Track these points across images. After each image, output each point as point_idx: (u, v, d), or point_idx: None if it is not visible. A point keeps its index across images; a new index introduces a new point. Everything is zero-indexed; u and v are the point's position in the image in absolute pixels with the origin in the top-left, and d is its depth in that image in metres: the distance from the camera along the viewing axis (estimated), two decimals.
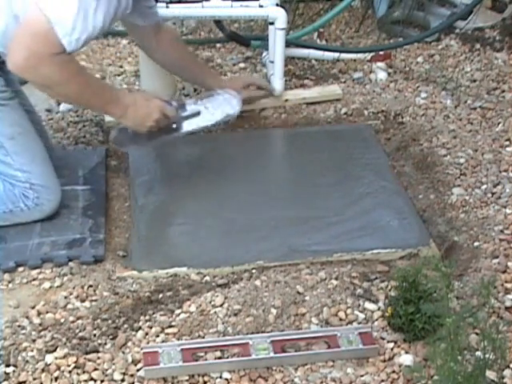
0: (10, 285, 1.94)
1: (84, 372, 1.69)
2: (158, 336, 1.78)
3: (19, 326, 1.80)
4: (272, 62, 2.70)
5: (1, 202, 2.08)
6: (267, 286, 1.91)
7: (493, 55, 3.04)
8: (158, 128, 2.12)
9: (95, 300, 1.88)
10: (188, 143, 2.54)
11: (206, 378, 1.68)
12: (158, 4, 2.41)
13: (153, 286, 1.93)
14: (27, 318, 1.83)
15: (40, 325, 1.81)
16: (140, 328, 1.80)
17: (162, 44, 2.40)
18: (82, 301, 1.88)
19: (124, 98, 2.07)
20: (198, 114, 2.18)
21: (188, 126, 2.17)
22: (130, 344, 1.76)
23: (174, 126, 2.16)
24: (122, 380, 1.67)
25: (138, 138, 2.16)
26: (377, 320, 1.82)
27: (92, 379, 1.67)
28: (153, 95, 2.16)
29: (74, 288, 1.92)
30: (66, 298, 1.89)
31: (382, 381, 1.67)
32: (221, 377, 1.68)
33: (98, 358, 1.72)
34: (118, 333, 1.79)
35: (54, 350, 1.73)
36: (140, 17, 2.23)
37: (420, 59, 3.04)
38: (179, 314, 1.84)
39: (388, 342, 1.76)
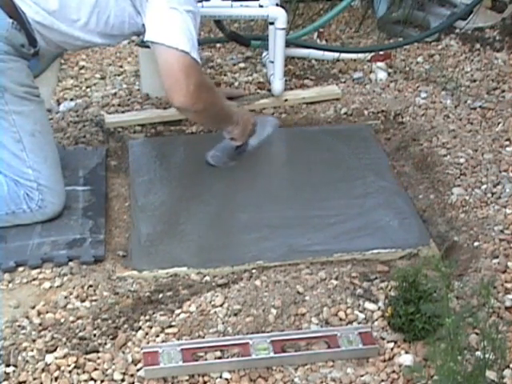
0: (10, 285, 1.94)
1: (84, 372, 1.69)
2: (158, 336, 1.78)
3: (19, 326, 1.80)
4: (272, 62, 2.70)
5: (4, 203, 2.08)
6: (267, 285, 1.91)
7: (493, 55, 3.04)
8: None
9: (95, 300, 1.88)
10: (188, 143, 2.54)
11: (205, 378, 1.68)
12: None
13: (153, 286, 1.93)
14: (27, 317, 1.83)
15: (40, 325, 1.81)
16: (140, 328, 1.80)
17: None
18: (82, 301, 1.88)
19: (236, 113, 2.34)
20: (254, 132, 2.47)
21: (252, 141, 2.47)
22: (129, 344, 1.76)
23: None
24: (122, 380, 1.67)
25: (231, 154, 2.41)
26: (377, 320, 1.82)
27: (92, 379, 1.67)
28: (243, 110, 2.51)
29: (74, 288, 1.92)
30: (66, 297, 1.89)
31: (382, 381, 1.67)
32: (221, 377, 1.68)
33: (98, 357, 1.72)
34: (118, 333, 1.79)
35: (54, 350, 1.73)
36: None
37: (420, 59, 3.05)
38: (179, 314, 1.84)
39: (388, 342, 1.76)
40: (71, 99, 2.79)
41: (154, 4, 2.06)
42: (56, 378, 1.67)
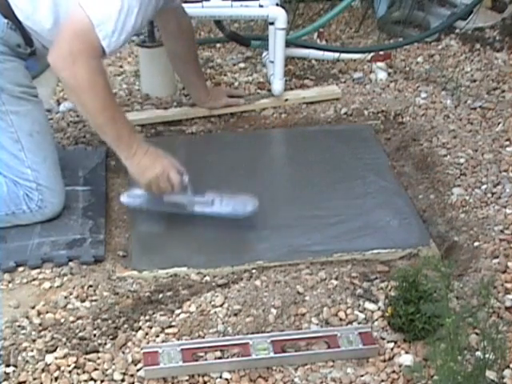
0: (10, 285, 1.94)
1: (84, 372, 1.68)
2: (157, 336, 1.78)
3: (19, 326, 1.80)
4: (272, 62, 2.70)
5: (3, 203, 2.08)
6: (267, 285, 1.91)
7: (493, 55, 3.04)
8: (157, 189, 2.05)
9: (95, 300, 1.88)
10: (188, 143, 2.54)
11: (205, 378, 1.68)
12: None
13: (153, 286, 1.93)
14: (27, 317, 1.83)
15: (40, 325, 1.81)
16: (140, 328, 1.80)
17: (181, 29, 2.47)
18: (82, 301, 1.88)
19: (137, 144, 2.02)
20: (211, 202, 2.14)
21: (197, 208, 2.12)
22: (130, 344, 1.76)
23: (186, 203, 2.12)
24: (122, 380, 1.67)
25: (148, 201, 2.12)
26: (377, 320, 1.82)
27: (92, 379, 1.67)
28: (169, 157, 2.08)
29: (74, 288, 1.92)
30: (65, 298, 1.89)
31: (382, 381, 1.67)
32: (221, 377, 1.68)
33: (98, 357, 1.72)
34: (118, 333, 1.79)
35: (54, 350, 1.73)
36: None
37: (420, 59, 3.05)
38: (179, 314, 1.84)
39: (388, 342, 1.76)
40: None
41: None
42: (56, 378, 1.67)
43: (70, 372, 1.68)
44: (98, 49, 1.89)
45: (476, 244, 2.05)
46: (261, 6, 2.62)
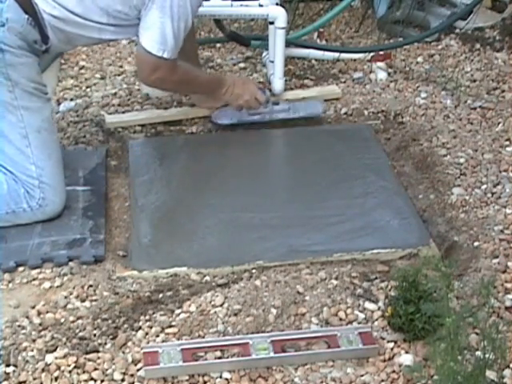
0: (10, 285, 1.94)
1: (84, 372, 1.69)
2: (158, 336, 1.78)
3: (19, 326, 1.80)
4: (272, 62, 2.70)
5: (3, 202, 2.08)
6: (267, 285, 1.91)
7: (493, 55, 3.04)
8: (248, 107, 2.55)
9: (95, 300, 1.88)
10: (188, 143, 2.54)
11: (205, 378, 1.68)
12: None
13: (153, 286, 1.93)
14: (27, 317, 1.83)
15: (40, 325, 1.81)
16: (140, 328, 1.80)
17: None
18: (82, 301, 1.88)
19: (226, 81, 2.51)
20: (287, 109, 2.62)
21: (279, 115, 2.61)
22: (130, 344, 1.76)
23: (268, 113, 2.60)
24: (122, 380, 1.67)
25: (234, 115, 2.58)
26: (377, 320, 1.82)
27: (92, 379, 1.67)
28: (251, 81, 2.68)
29: (74, 288, 1.92)
30: (66, 297, 1.89)
31: (382, 381, 1.67)
32: (221, 377, 1.68)
33: (98, 357, 1.72)
34: (118, 333, 1.79)
35: (54, 350, 1.73)
36: None
37: (420, 59, 3.05)
38: (179, 314, 1.84)
39: (388, 341, 1.76)
40: (71, 99, 2.79)
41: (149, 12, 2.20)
42: (56, 378, 1.67)
43: (70, 372, 1.68)
44: (172, 63, 2.25)
45: (476, 244, 2.05)
46: (261, 6, 2.62)
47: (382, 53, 2.97)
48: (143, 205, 2.22)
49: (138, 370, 1.69)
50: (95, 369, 1.69)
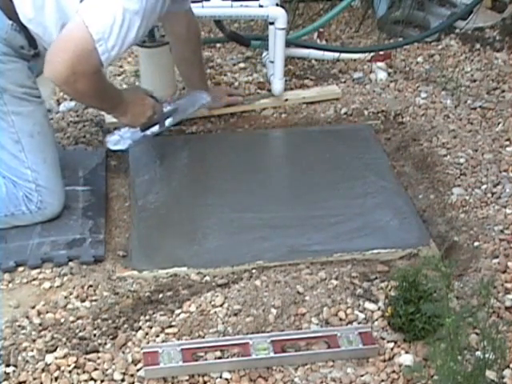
0: (10, 285, 1.94)
1: (84, 372, 1.69)
2: (158, 336, 1.78)
3: (19, 326, 1.80)
4: (272, 62, 2.70)
5: (3, 205, 2.08)
6: (267, 286, 1.91)
7: (493, 55, 3.04)
8: (150, 122, 2.30)
9: (95, 300, 1.88)
10: (188, 143, 2.54)
11: (205, 378, 1.68)
12: None
13: (153, 286, 1.93)
14: (27, 317, 1.83)
15: (40, 325, 1.81)
16: (140, 328, 1.80)
17: (190, 33, 2.48)
18: (82, 301, 1.88)
19: (125, 99, 2.17)
20: (175, 110, 2.45)
21: (168, 121, 2.43)
22: (130, 344, 1.76)
23: (158, 122, 2.38)
24: (122, 380, 1.67)
25: (133, 136, 2.36)
26: (377, 320, 1.82)
27: (92, 379, 1.67)
28: (144, 92, 2.30)
29: (74, 288, 1.92)
30: (66, 297, 1.89)
31: (382, 381, 1.67)
32: (221, 377, 1.68)
33: (98, 357, 1.72)
34: (118, 333, 1.79)
35: (54, 350, 1.73)
36: (174, 3, 2.20)
37: (420, 59, 3.05)
38: (179, 314, 1.84)
39: (388, 341, 1.76)
40: (71, 99, 2.79)
41: None
42: (56, 378, 1.67)
43: (70, 372, 1.68)
44: (99, 64, 1.93)
45: (476, 244, 2.05)
46: (261, 6, 2.62)
47: (381, 53, 2.97)
48: (143, 205, 2.22)
49: (138, 370, 1.69)
50: (95, 369, 1.69)
